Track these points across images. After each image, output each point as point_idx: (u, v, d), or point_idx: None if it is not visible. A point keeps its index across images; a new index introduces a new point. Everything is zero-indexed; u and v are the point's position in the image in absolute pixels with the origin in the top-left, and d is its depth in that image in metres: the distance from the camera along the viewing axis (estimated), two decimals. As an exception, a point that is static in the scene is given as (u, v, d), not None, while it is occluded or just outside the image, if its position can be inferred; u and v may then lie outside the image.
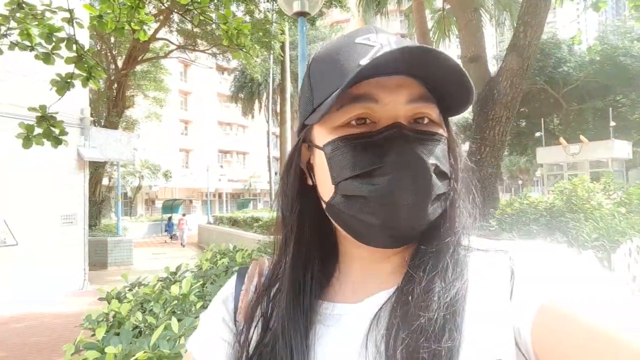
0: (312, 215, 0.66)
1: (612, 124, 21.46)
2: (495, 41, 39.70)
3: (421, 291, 0.53)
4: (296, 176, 0.66)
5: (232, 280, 0.73)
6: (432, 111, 0.57)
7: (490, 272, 0.55)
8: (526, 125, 27.77)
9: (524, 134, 27.81)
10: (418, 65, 0.54)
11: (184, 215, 24.62)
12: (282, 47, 20.18)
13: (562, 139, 21.95)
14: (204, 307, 2.08)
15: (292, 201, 0.66)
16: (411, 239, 0.57)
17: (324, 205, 0.62)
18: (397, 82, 0.56)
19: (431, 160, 0.55)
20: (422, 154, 0.54)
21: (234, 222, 19.44)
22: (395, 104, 0.55)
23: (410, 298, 0.54)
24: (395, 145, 0.53)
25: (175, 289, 1.96)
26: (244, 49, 8.03)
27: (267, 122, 27.87)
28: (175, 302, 1.93)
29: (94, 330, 1.66)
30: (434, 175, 0.55)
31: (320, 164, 0.60)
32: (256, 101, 30.60)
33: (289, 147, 20.11)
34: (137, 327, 1.72)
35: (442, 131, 0.59)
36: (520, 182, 51.63)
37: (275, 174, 30.93)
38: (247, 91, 29.95)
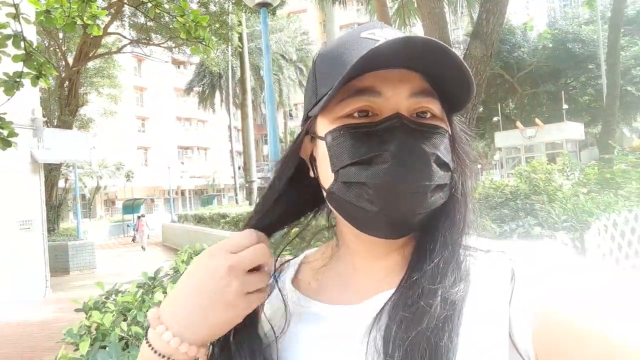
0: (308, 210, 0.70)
1: (565, 106, 22.31)
2: (449, 28, 40.49)
3: (421, 293, 0.53)
4: (291, 166, 0.66)
5: None
6: (434, 106, 0.57)
7: (491, 274, 0.55)
8: (483, 111, 28.49)
9: (481, 119, 28.52)
10: (419, 57, 0.53)
11: (142, 215, 23.62)
12: (240, 39, 19.87)
13: (518, 123, 22.67)
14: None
15: (278, 191, 0.66)
16: (410, 227, 0.57)
17: (324, 195, 0.62)
18: (400, 76, 0.56)
19: (431, 150, 0.54)
20: (421, 142, 0.54)
21: (199, 220, 19.11)
22: (398, 97, 0.55)
23: (409, 300, 0.53)
24: (395, 134, 0.54)
25: (159, 296, 1.88)
26: (203, 42, 7.84)
27: (229, 115, 27.45)
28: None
29: (76, 344, 1.56)
30: (434, 165, 0.54)
31: (322, 153, 0.60)
32: (216, 95, 30.06)
33: (252, 140, 19.87)
34: (122, 338, 1.63)
35: (444, 126, 0.59)
36: (479, 166, 53.17)
37: (239, 168, 30.59)
38: (207, 85, 29.38)
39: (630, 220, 3.85)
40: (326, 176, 0.60)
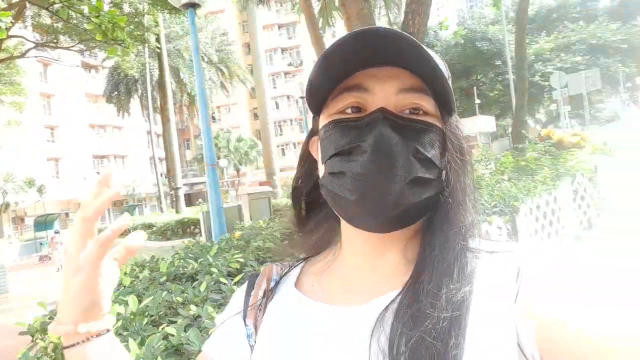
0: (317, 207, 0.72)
1: (477, 101, 23.78)
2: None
3: (429, 290, 0.54)
4: (304, 165, 0.71)
5: (244, 286, 0.74)
6: (426, 103, 0.58)
7: (497, 274, 0.55)
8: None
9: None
10: (389, 52, 0.55)
11: (56, 232, 21.78)
12: (158, 40, 19.15)
13: (435, 118, 23.84)
14: (150, 323, 1.93)
15: (303, 192, 0.71)
16: (393, 221, 0.57)
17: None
18: (389, 73, 0.57)
19: (411, 143, 0.55)
20: (401, 135, 0.55)
21: (122, 232, 18.20)
22: (385, 93, 0.57)
23: (417, 297, 0.54)
24: (376, 127, 0.55)
25: (117, 309, 1.78)
26: (122, 44, 7.41)
27: (148, 120, 26.30)
28: (121, 322, 1.76)
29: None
30: (412, 158, 0.55)
31: (319, 147, 0.64)
32: (132, 99, 28.61)
33: (175, 146, 19.10)
34: (85, 357, 1.53)
35: (436, 123, 0.59)
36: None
37: (162, 175, 29.45)
38: (122, 89, 27.88)
39: (550, 202, 4.21)
40: (321, 169, 0.63)
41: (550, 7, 27.39)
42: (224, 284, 2.22)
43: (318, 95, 0.61)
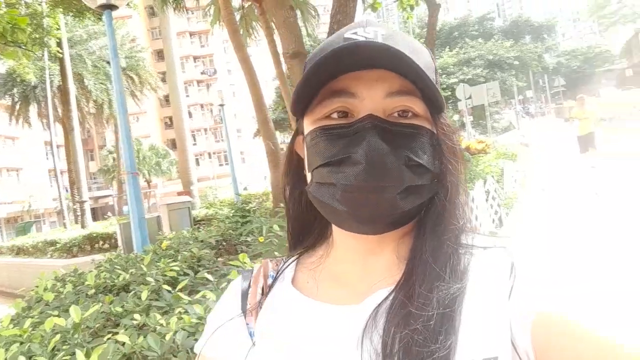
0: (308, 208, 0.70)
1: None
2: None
3: (420, 291, 0.53)
4: (292, 167, 0.70)
5: (237, 283, 0.72)
6: (416, 105, 0.57)
7: (489, 270, 0.55)
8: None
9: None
10: (378, 58, 0.54)
11: None
12: (60, 44, 17.84)
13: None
14: (90, 335, 1.81)
15: (296, 192, 0.70)
16: (385, 226, 0.57)
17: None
18: (377, 76, 0.56)
19: (403, 151, 0.55)
20: (391, 143, 0.54)
21: (19, 251, 16.78)
22: (374, 97, 0.56)
23: (408, 298, 0.53)
24: (366, 136, 0.54)
25: (56, 321, 1.65)
26: (23, 46, 6.90)
27: (48, 130, 24.25)
28: (58, 335, 1.63)
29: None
30: (404, 167, 0.54)
31: (305, 152, 0.63)
32: (31, 107, 26.24)
33: (80, 157, 17.76)
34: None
35: (427, 125, 0.58)
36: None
37: (66, 190, 27.31)
38: (18, 96, 25.49)
39: (468, 202, 4.50)
40: (308, 175, 0.63)
41: (451, 25, 29.65)
42: (169, 291, 2.15)
43: (304, 98, 0.59)
